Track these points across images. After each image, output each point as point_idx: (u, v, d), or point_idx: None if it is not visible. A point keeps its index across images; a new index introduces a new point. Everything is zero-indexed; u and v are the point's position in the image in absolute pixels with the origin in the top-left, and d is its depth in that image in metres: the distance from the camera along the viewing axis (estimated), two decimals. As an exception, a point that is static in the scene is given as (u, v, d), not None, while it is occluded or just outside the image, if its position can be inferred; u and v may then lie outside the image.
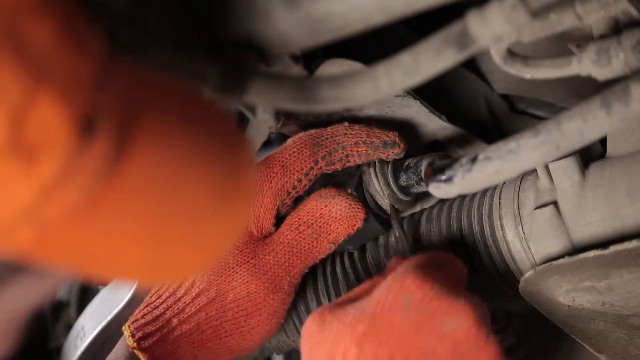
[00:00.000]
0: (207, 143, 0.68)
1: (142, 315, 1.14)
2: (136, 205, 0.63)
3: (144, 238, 0.65)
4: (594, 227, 1.00)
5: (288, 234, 1.13)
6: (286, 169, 1.13)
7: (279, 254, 1.12)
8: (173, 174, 0.65)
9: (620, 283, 0.98)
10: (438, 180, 0.93)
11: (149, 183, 0.63)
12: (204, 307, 1.12)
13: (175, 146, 0.65)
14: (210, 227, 0.69)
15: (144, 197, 0.63)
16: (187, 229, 0.67)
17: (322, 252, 1.14)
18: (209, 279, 1.12)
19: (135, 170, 0.62)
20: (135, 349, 1.11)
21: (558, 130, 0.82)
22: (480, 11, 0.75)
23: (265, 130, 1.11)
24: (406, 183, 1.13)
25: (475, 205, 1.10)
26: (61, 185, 0.58)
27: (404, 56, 0.77)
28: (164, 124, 0.65)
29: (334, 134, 1.14)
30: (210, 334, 1.13)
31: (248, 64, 0.82)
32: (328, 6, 0.78)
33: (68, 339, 1.36)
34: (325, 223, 1.12)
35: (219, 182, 0.68)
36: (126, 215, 0.63)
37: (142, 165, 0.62)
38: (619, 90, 0.80)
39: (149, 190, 0.63)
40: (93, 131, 0.58)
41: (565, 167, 1.01)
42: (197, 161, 0.66)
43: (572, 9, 0.83)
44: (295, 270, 1.13)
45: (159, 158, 0.63)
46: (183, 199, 0.66)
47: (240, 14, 0.81)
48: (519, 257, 1.06)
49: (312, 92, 0.80)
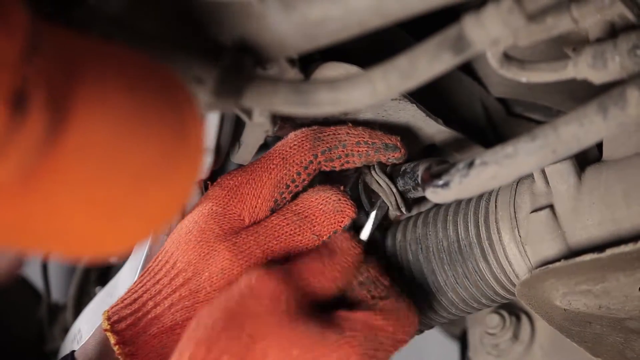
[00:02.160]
0: (149, 104, 0.67)
1: (122, 300, 1.13)
2: (78, 174, 0.62)
3: (87, 207, 0.64)
4: (590, 231, 1.00)
5: (274, 219, 1.12)
6: (286, 161, 1.13)
7: (261, 235, 1.11)
8: (115, 139, 0.63)
9: (617, 286, 0.98)
10: (435, 185, 0.93)
11: (89, 150, 0.62)
12: (178, 288, 1.10)
13: (116, 111, 0.64)
14: (157, 191, 0.68)
15: (85, 165, 0.62)
16: (132, 194, 0.66)
17: (303, 242, 1.12)
18: (188, 259, 1.11)
19: (74, 139, 0.61)
20: (108, 330, 1.10)
21: (555, 134, 0.82)
22: (476, 14, 0.75)
23: (261, 134, 1.11)
24: (403, 188, 1.13)
25: (471, 209, 1.10)
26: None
27: (401, 60, 0.77)
28: (102, 89, 0.63)
29: (336, 132, 1.14)
30: (180, 317, 1.10)
31: (244, 68, 0.82)
32: (324, 10, 0.78)
33: (64, 342, 1.36)
34: (312, 214, 1.12)
35: (163, 144, 0.67)
36: (69, 184, 0.62)
37: (82, 133, 0.61)
38: (616, 95, 0.80)
39: (91, 158, 0.62)
40: (25, 106, 0.57)
41: (561, 171, 1.01)
42: (140, 124, 0.65)
43: (568, 13, 0.83)
44: (273, 255, 1.11)
45: (99, 124, 0.62)
46: (127, 163, 0.65)
47: (236, 17, 0.81)
48: (515, 260, 1.06)
49: (309, 95, 0.80)
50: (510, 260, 1.06)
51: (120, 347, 1.09)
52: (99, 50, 0.67)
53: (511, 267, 1.06)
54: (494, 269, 1.08)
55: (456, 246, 1.11)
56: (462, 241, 1.10)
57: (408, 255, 1.14)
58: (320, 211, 1.12)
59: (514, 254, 1.06)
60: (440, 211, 1.14)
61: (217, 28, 0.82)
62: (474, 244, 1.09)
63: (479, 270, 1.09)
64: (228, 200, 1.13)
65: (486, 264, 1.08)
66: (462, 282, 1.11)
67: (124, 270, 1.27)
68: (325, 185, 1.13)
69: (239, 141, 1.13)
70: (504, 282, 1.08)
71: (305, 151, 1.13)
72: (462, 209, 1.12)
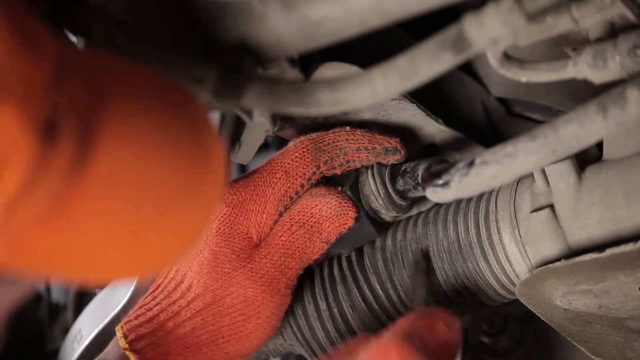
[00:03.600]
0: (174, 129, 0.67)
1: (135, 317, 1.13)
2: (105, 201, 0.62)
3: (115, 233, 0.64)
4: (590, 230, 1.00)
5: (282, 235, 1.13)
6: (289, 175, 1.13)
7: (275, 256, 1.12)
8: (141, 164, 0.64)
9: (617, 286, 0.98)
10: (435, 185, 0.93)
11: (117, 177, 0.62)
12: (200, 312, 1.12)
13: (141, 136, 0.64)
14: (182, 215, 0.68)
15: (112, 192, 0.62)
16: (158, 219, 0.66)
17: (315, 252, 1.13)
18: (205, 283, 1.12)
19: (102, 166, 0.61)
20: (127, 350, 1.11)
21: (555, 134, 0.82)
22: (476, 14, 0.75)
23: (262, 134, 1.11)
24: (403, 188, 1.13)
25: (471, 209, 1.10)
26: (27, 195, 0.57)
27: (401, 59, 0.77)
28: (128, 115, 0.63)
29: (336, 139, 1.13)
30: (206, 339, 1.12)
31: (245, 68, 0.82)
32: (324, 10, 0.78)
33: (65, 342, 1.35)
34: (317, 222, 1.12)
35: (188, 169, 0.67)
36: (96, 211, 0.62)
37: (109, 160, 0.61)
38: (616, 94, 0.80)
39: (118, 184, 0.62)
40: (55, 135, 0.57)
41: (561, 170, 1.01)
42: (165, 149, 0.65)
43: (568, 12, 0.83)
44: (291, 272, 1.13)
45: (126, 150, 0.62)
46: (152, 189, 0.65)
47: (236, 17, 0.81)
48: (515, 260, 1.06)
49: (309, 95, 0.80)
50: (511, 260, 1.06)
51: None
52: (123, 73, 0.66)
53: (511, 266, 1.06)
54: (494, 268, 1.08)
55: (456, 246, 1.11)
56: (462, 241, 1.10)
57: (408, 255, 1.14)
58: (324, 218, 1.12)
59: (514, 253, 1.06)
60: (440, 211, 1.14)
61: (218, 28, 0.82)
62: (474, 244, 1.09)
63: (479, 270, 1.09)
64: (234, 219, 1.13)
65: (486, 263, 1.08)
66: (462, 282, 1.11)
67: (124, 270, 1.27)
68: (322, 187, 1.13)
69: (239, 141, 1.13)
70: (504, 282, 1.08)
71: (308, 163, 1.13)
72: (462, 208, 1.12)
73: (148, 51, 0.80)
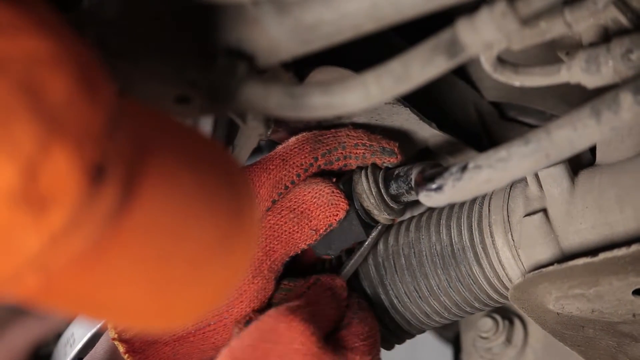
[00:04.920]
0: (212, 186, 0.69)
1: None
2: (142, 250, 0.64)
3: (149, 282, 0.66)
4: (583, 235, 1.00)
5: (270, 219, 1.12)
6: (286, 162, 1.13)
7: (260, 237, 1.12)
8: (178, 216, 0.66)
9: (610, 290, 0.98)
10: (428, 189, 0.93)
11: (155, 226, 0.64)
12: None
13: (180, 188, 0.66)
14: (215, 268, 0.69)
15: (150, 241, 0.64)
16: (191, 272, 0.68)
17: (303, 240, 1.13)
18: None
19: (142, 215, 0.63)
20: (116, 340, 1.10)
21: (548, 138, 0.82)
22: (470, 18, 0.75)
23: (255, 137, 1.11)
24: (396, 192, 1.13)
25: (464, 213, 1.10)
26: (69, 234, 0.59)
27: (394, 63, 0.77)
28: (170, 167, 0.66)
29: (336, 134, 1.14)
30: (192, 327, 1.11)
31: (238, 71, 0.82)
32: (318, 14, 0.78)
33: (58, 346, 1.35)
34: (307, 209, 1.12)
35: (223, 223, 0.68)
36: (132, 259, 0.64)
37: (149, 210, 0.63)
38: (609, 99, 0.80)
39: (155, 234, 0.64)
40: (102, 180, 0.60)
41: (554, 175, 1.01)
42: (202, 202, 0.67)
43: (562, 17, 0.83)
44: (275, 255, 1.12)
45: (165, 201, 0.64)
46: (188, 241, 0.67)
47: (230, 21, 0.81)
48: (508, 264, 1.06)
49: (302, 99, 0.80)
50: (504, 264, 1.06)
51: (131, 355, 1.09)
52: (168, 128, 0.69)
53: (504, 271, 1.06)
54: (487, 273, 1.08)
55: (449, 250, 1.11)
56: (456, 245, 1.10)
57: (401, 259, 1.14)
58: (315, 205, 1.12)
59: (507, 257, 1.06)
60: (433, 215, 1.14)
61: (212, 32, 0.82)
62: (467, 248, 1.09)
63: (472, 274, 1.09)
64: None
65: (479, 268, 1.08)
66: (455, 286, 1.11)
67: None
68: (317, 178, 1.13)
69: (232, 144, 1.13)
70: (497, 286, 1.08)
71: (306, 154, 1.13)
72: (455, 212, 1.12)
73: (142, 55, 0.80)
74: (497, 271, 1.07)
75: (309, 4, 0.78)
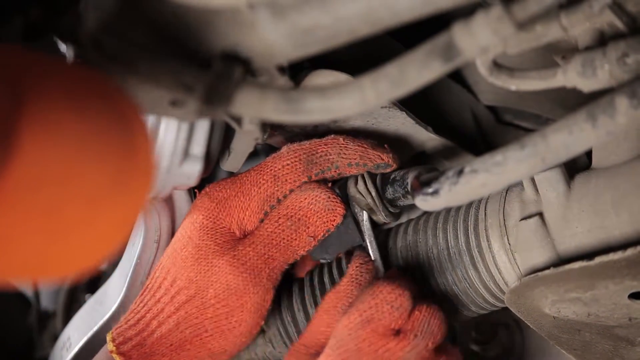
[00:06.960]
0: (100, 125, 0.66)
1: (125, 322, 1.13)
2: (29, 201, 0.62)
3: (42, 231, 0.64)
4: (579, 238, 1.00)
5: (268, 227, 1.12)
6: (277, 179, 1.13)
7: (259, 245, 1.11)
8: (66, 160, 0.63)
9: (606, 294, 0.98)
10: (424, 193, 0.93)
11: (40, 176, 0.61)
12: (183, 305, 1.11)
13: (65, 132, 0.63)
14: (112, 206, 0.67)
15: (36, 192, 0.62)
16: (87, 213, 0.66)
17: (301, 247, 1.13)
18: (188, 277, 1.11)
19: (24, 167, 0.60)
20: (114, 352, 1.11)
21: (544, 143, 0.82)
22: (466, 23, 0.75)
23: (251, 141, 1.11)
24: (392, 196, 1.13)
25: (461, 217, 1.10)
26: None
27: (390, 67, 0.77)
28: (51, 112, 0.63)
29: (329, 153, 1.13)
30: (190, 334, 1.12)
31: (234, 75, 0.82)
32: (314, 18, 0.78)
33: (54, 350, 1.35)
34: (305, 215, 1.12)
35: (114, 160, 0.66)
36: (20, 212, 0.61)
37: (32, 161, 0.60)
38: (605, 103, 0.80)
39: (42, 183, 0.62)
40: None
41: (550, 179, 1.01)
42: (90, 142, 0.65)
43: (558, 21, 0.83)
44: (274, 264, 1.12)
45: (49, 148, 0.62)
46: (79, 183, 0.64)
47: (226, 25, 0.81)
48: (504, 268, 1.06)
49: (299, 103, 0.80)
50: (500, 267, 1.06)
51: None
52: (44, 69, 0.65)
53: (500, 274, 1.07)
54: (483, 276, 1.08)
55: (446, 254, 1.11)
56: (452, 249, 1.10)
57: (398, 263, 1.14)
58: (312, 211, 1.12)
59: (503, 261, 1.06)
60: (430, 219, 1.14)
61: (208, 36, 0.82)
62: (464, 252, 1.09)
63: (469, 277, 1.09)
64: (217, 214, 1.13)
65: (475, 271, 1.08)
66: (451, 290, 1.11)
67: (113, 277, 1.27)
68: (312, 183, 1.13)
69: (228, 148, 1.13)
70: (493, 290, 1.08)
71: (299, 173, 1.13)
72: (451, 216, 1.12)
73: (137, 58, 0.80)
74: (493, 275, 1.07)
75: (304, 8, 0.78)
